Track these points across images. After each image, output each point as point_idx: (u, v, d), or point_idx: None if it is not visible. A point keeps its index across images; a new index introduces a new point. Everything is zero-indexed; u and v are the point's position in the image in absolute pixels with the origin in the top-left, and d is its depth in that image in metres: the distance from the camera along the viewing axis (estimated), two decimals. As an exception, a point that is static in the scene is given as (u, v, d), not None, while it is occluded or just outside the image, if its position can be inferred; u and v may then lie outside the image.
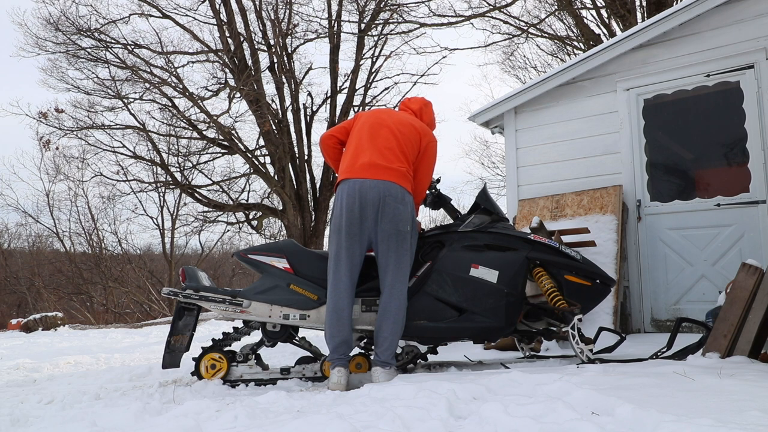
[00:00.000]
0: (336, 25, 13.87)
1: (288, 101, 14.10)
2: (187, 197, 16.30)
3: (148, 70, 13.05)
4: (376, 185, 3.08)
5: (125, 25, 13.12)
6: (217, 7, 13.36)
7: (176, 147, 14.59)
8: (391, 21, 13.90)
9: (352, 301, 3.15)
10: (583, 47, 12.71)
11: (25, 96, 36.11)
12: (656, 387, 2.19)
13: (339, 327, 3.06)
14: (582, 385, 2.15)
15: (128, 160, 14.83)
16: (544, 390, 2.20)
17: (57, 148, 16.43)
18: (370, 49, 14.26)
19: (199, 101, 12.99)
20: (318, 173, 14.62)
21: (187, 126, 13.69)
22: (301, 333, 3.65)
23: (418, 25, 13.41)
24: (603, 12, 12.77)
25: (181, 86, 12.82)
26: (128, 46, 12.97)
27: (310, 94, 14.52)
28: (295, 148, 13.99)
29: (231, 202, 14.84)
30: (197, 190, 14.78)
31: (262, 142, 13.84)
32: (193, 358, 3.45)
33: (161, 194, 18.03)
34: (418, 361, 3.76)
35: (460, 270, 3.28)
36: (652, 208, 5.06)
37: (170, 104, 13.41)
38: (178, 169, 14.81)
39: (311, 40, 14.05)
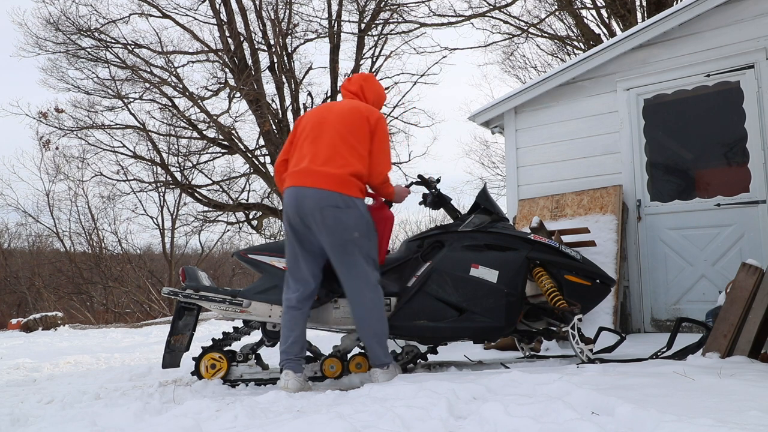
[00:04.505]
0: (336, 25, 13.86)
1: (288, 101, 14.10)
2: (187, 197, 16.30)
3: (148, 70, 13.06)
4: (312, 195, 2.95)
5: (125, 25, 13.14)
6: (217, 6, 13.36)
7: (176, 147, 14.61)
8: (391, 21, 13.89)
9: (310, 303, 3.09)
10: (583, 47, 12.72)
11: (25, 96, 36.16)
12: (656, 387, 2.19)
13: (291, 326, 3.03)
14: (582, 385, 2.15)
15: (128, 160, 14.85)
16: (544, 390, 2.20)
17: (57, 148, 16.39)
18: (370, 49, 14.25)
19: (199, 101, 12.99)
20: (318, 173, 14.58)
21: (187, 126, 13.69)
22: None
23: (418, 25, 13.40)
24: (603, 12, 12.78)
25: (181, 86, 12.82)
26: (128, 46, 12.98)
27: (310, 94, 14.51)
28: (295, 148, 13.96)
29: (231, 202, 14.83)
30: (197, 190, 14.78)
31: (262, 142, 13.84)
32: (193, 358, 3.45)
33: (161, 194, 18.02)
34: (418, 361, 3.76)
35: (460, 270, 3.28)
36: (652, 208, 5.06)
37: (170, 104, 13.41)
38: (178, 169, 14.81)
39: (311, 40, 14.04)
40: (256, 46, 13.70)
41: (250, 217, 15.42)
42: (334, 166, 2.99)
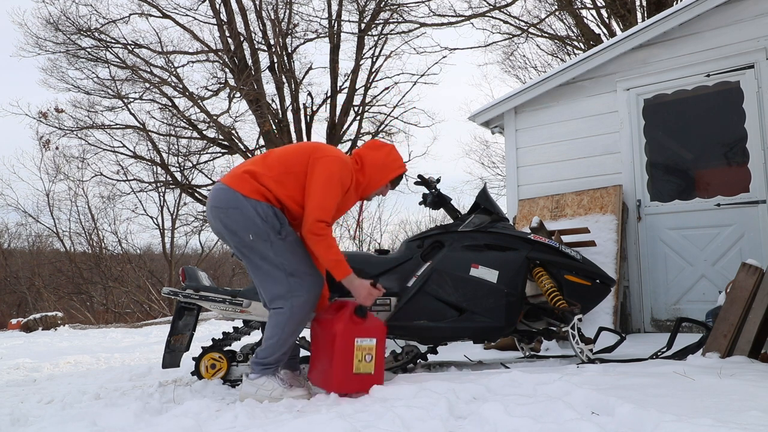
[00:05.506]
0: (336, 25, 13.87)
1: (288, 101, 14.10)
2: (187, 197, 16.31)
3: (148, 70, 13.07)
4: (211, 193, 2.76)
5: (125, 24, 13.16)
6: (217, 6, 13.36)
7: (176, 147, 14.62)
8: (391, 21, 13.90)
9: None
10: (583, 47, 12.72)
11: (25, 96, 36.16)
12: (656, 387, 2.19)
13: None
14: (582, 385, 2.16)
15: (128, 160, 14.87)
16: (544, 390, 2.20)
17: (57, 148, 16.40)
18: (370, 48, 14.26)
19: (199, 101, 12.99)
20: (317, 173, 14.58)
21: (187, 126, 13.70)
22: (301, 333, 3.64)
23: (418, 25, 13.41)
24: (603, 12, 12.79)
25: (181, 86, 12.83)
26: (128, 46, 12.99)
27: (310, 94, 14.52)
28: (295, 148, 13.97)
29: (231, 202, 14.80)
30: (197, 189, 14.79)
31: (262, 142, 13.84)
32: (193, 358, 3.45)
33: (161, 194, 18.01)
34: (418, 361, 3.75)
35: (460, 270, 3.28)
36: (652, 207, 5.06)
37: (170, 104, 13.43)
38: (178, 169, 14.82)
39: (311, 40, 14.05)
40: (256, 46, 13.71)
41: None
42: (242, 168, 2.76)
